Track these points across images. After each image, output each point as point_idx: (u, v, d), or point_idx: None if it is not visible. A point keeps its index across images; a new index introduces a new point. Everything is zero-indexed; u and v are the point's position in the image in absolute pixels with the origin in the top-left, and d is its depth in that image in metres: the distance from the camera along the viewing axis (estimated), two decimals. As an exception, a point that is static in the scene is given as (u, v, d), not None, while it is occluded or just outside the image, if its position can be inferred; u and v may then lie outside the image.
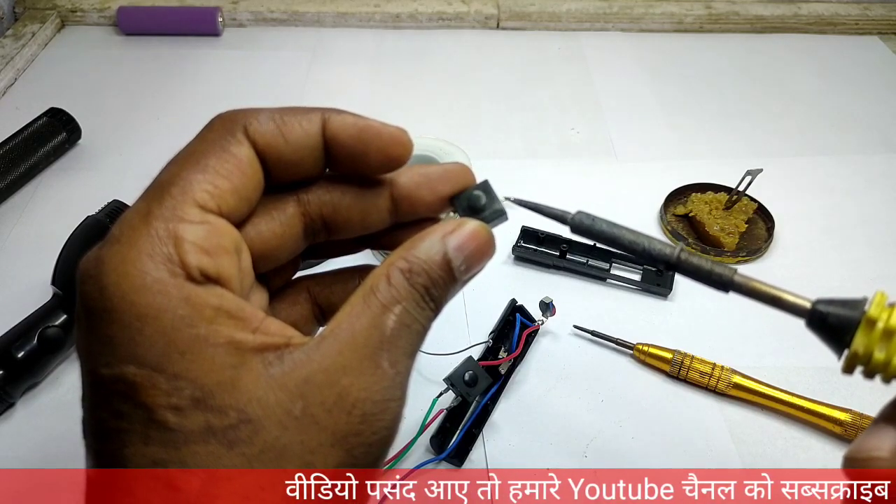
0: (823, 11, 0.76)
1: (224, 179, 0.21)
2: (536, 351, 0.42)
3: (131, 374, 0.19)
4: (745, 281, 0.23)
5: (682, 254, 0.23)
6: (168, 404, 0.19)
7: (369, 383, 0.20)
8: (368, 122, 0.24)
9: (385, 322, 0.21)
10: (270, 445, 0.19)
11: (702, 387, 0.40)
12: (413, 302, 0.21)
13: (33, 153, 0.54)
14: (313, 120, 0.24)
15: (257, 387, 0.19)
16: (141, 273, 0.19)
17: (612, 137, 0.61)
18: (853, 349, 0.21)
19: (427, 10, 0.75)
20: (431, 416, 0.36)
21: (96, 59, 0.69)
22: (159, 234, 0.19)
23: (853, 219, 0.53)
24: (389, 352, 0.20)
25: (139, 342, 0.19)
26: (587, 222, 0.25)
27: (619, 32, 0.75)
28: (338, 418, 0.19)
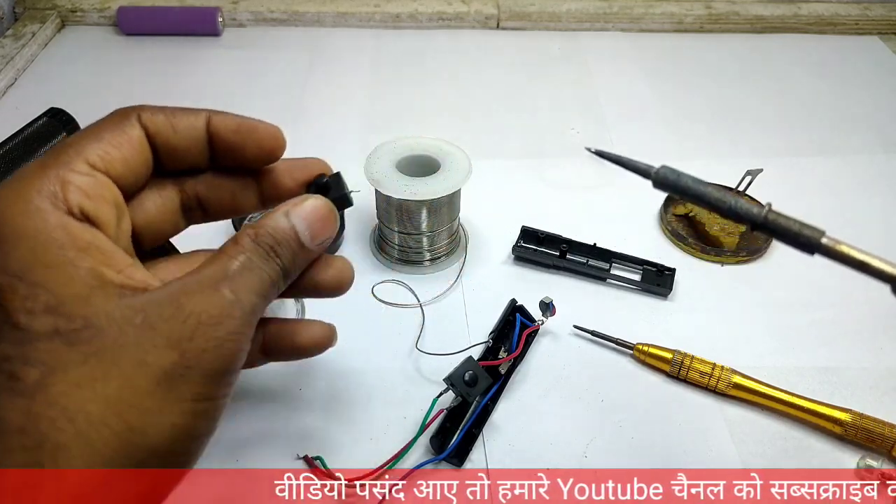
0: (823, 11, 0.76)
1: (115, 149, 0.25)
2: (536, 351, 0.42)
3: (4, 283, 0.21)
4: (833, 244, 0.23)
5: (769, 214, 0.23)
6: (23, 307, 0.21)
7: (206, 301, 0.23)
8: (246, 120, 0.28)
9: (229, 264, 0.24)
10: (108, 346, 0.22)
11: (702, 387, 0.40)
12: (257, 254, 0.25)
13: (33, 153, 0.54)
14: (199, 116, 0.28)
15: (107, 304, 0.22)
16: (26, 201, 0.22)
17: (611, 137, 0.61)
18: None
19: (427, 10, 0.75)
20: (431, 416, 0.36)
21: (96, 59, 0.69)
22: (49, 176, 0.23)
23: (853, 219, 0.53)
24: (231, 282, 0.24)
25: (11, 255, 0.22)
26: (672, 177, 0.25)
27: (619, 32, 0.75)
28: (172, 325, 0.22)
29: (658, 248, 0.50)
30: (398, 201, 0.44)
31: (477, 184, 0.46)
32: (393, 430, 0.37)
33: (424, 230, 0.46)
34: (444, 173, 0.44)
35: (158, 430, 0.22)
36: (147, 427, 0.22)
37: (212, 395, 0.23)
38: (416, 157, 0.46)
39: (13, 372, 0.21)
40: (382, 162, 0.45)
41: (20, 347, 0.21)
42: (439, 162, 0.45)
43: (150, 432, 0.22)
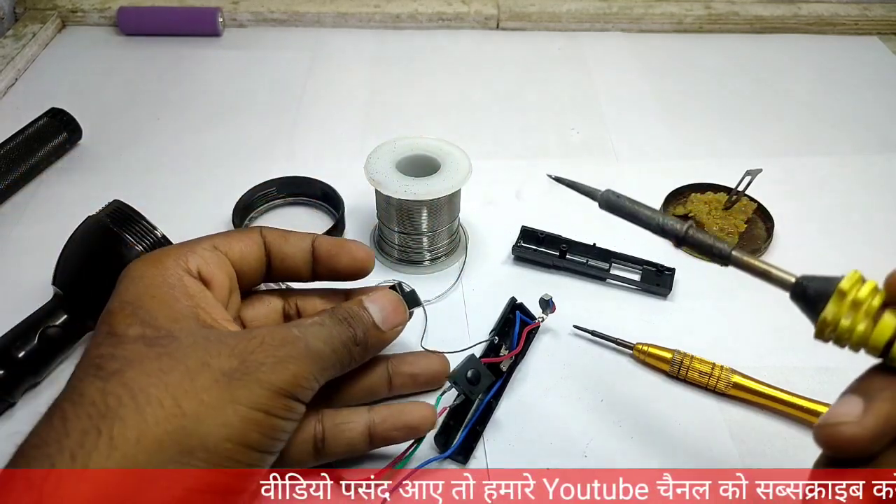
0: (823, 12, 0.76)
1: (237, 243, 0.33)
2: (536, 350, 0.42)
3: (114, 306, 0.28)
4: (740, 256, 0.26)
5: (689, 230, 0.27)
6: (124, 322, 0.27)
7: (274, 330, 0.28)
8: (343, 240, 0.35)
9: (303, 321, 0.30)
10: (179, 349, 0.26)
11: (701, 387, 0.40)
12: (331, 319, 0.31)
13: (34, 153, 0.54)
14: (306, 236, 0.35)
15: (193, 325, 0.27)
16: (157, 260, 0.30)
17: (611, 138, 0.61)
18: (823, 316, 0.23)
19: (427, 10, 0.75)
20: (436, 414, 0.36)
21: (97, 59, 0.69)
22: (181, 248, 0.31)
23: (853, 219, 0.53)
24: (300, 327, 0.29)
25: (130, 289, 0.28)
26: (614, 199, 0.30)
27: (619, 33, 0.75)
28: (239, 340, 0.27)
29: (658, 249, 0.49)
30: (398, 201, 0.44)
31: (477, 184, 0.46)
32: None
33: (424, 230, 0.46)
34: (444, 173, 0.44)
35: (210, 423, 0.25)
36: (200, 416, 0.24)
37: (266, 408, 0.26)
38: (416, 157, 0.46)
39: (100, 364, 0.26)
40: (382, 162, 0.45)
41: (111, 349, 0.26)
42: (439, 162, 0.45)
43: (201, 422, 0.24)
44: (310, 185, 0.52)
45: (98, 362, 0.26)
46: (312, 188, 0.52)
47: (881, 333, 0.22)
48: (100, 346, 0.26)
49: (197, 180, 0.55)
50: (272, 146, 0.59)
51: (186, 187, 0.54)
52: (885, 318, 0.22)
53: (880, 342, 0.22)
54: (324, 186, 0.51)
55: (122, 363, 0.25)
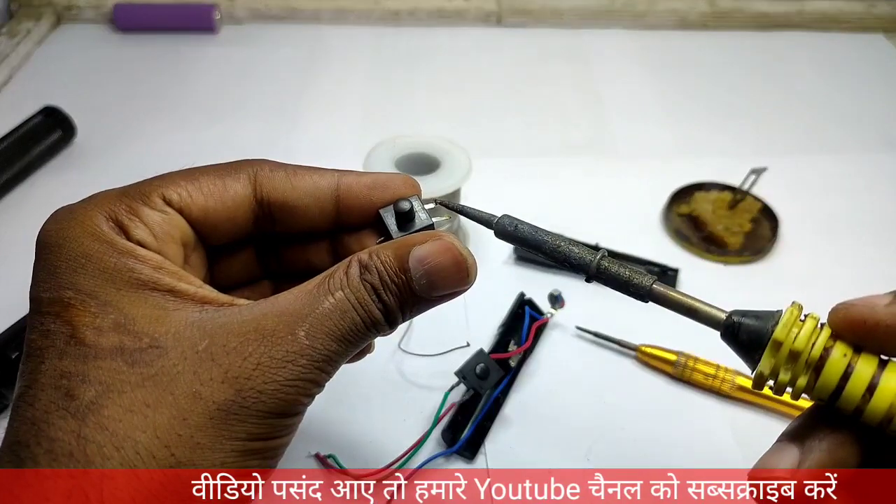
0: (828, 8, 0.75)
1: (201, 196, 0.24)
2: (540, 350, 0.42)
3: (68, 296, 0.21)
4: (663, 291, 0.23)
5: (602, 261, 0.23)
6: (91, 324, 0.21)
7: (273, 343, 0.21)
8: (377, 175, 0.26)
9: (321, 302, 0.22)
10: (166, 370, 0.21)
11: (706, 389, 0.40)
12: (357, 294, 0.22)
13: (28, 152, 0.54)
14: (325, 175, 0.26)
15: (179, 323, 0.21)
16: (93, 225, 0.22)
17: (615, 135, 0.60)
18: (759, 370, 0.21)
19: (427, 6, 0.74)
20: (444, 409, 0.36)
21: (92, 56, 0.68)
22: (121, 205, 0.23)
23: (859, 218, 0.52)
24: (311, 325, 0.22)
25: (81, 274, 0.22)
26: (510, 228, 0.25)
27: (622, 29, 0.75)
28: (233, 359, 0.21)
29: (661, 248, 0.49)
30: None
31: (477, 183, 0.45)
32: (397, 430, 0.37)
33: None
34: (444, 172, 0.44)
35: (207, 464, 0.21)
36: (195, 461, 0.21)
37: (265, 435, 0.22)
38: (416, 155, 0.45)
39: (70, 389, 0.20)
40: (382, 160, 0.44)
41: (82, 364, 0.21)
42: (439, 160, 0.44)
43: (198, 465, 0.21)
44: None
45: (66, 386, 0.20)
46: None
47: (826, 383, 0.19)
48: (63, 357, 0.21)
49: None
50: (269, 144, 0.58)
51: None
52: (831, 363, 0.19)
53: (825, 393, 0.20)
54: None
55: (97, 391, 0.20)
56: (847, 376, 0.19)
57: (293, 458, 0.36)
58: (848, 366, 0.19)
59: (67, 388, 0.20)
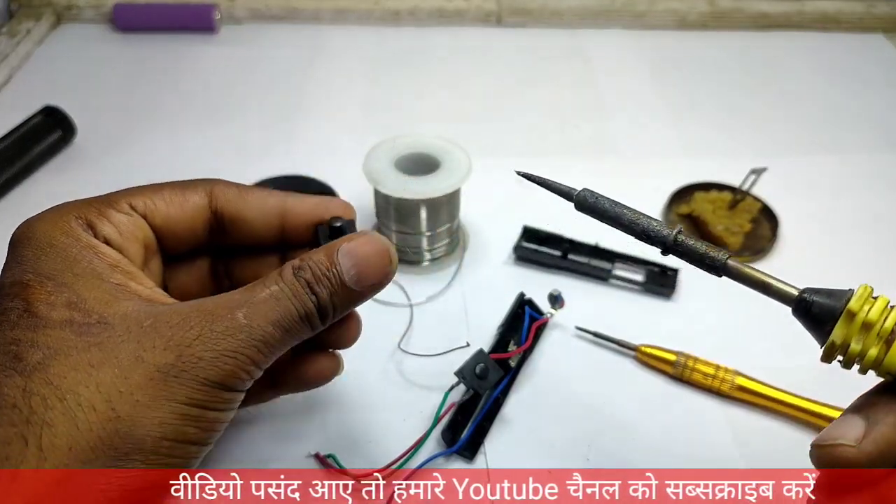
0: (828, 8, 0.75)
1: (163, 203, 0.28)
2: (539, 350, 0.42)
3: (27, 278, 0.24)
4: (737, 266, 0.24)
5: (678, 236, 0.24)
6: (46, 300, 0.23)
7: (214, 319, 0.24)
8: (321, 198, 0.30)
9: (256, 292, 0.25)
10: (111, 340, 0.23)
11: (705, 389, 0.40)
12: (291, 287, 0.25)
13: (28, 152, 0.54)
14: (275, 195, 0.29)
15: (127, 307, 0.24)
16: (63, 223, 0.25)
17: (614, 135, 0.60)
18: (831, 339, 0.22)
19: (427, 6, 0.74)
20: (444, 409, 0.36)
21: (92, 56, 0.68)
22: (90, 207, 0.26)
23: (859, 219, 0.52)
24: (248, 309, 0.24)
25: (43, 261, 0.24)
26: (591, 200, 0.26)
27: (622, 29, 0.75)
28: (175, 331, 0.23)
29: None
30: (397, 200, 0.43)
31: (477, 182, 0.45)
32: (397, 430, 0.37)
33: (424, 230, 0.45)
34: (444, 172, 0.43)
35: (146, 424, 0.22)
36: (135, 418, 0.22)
37: (204, 403, 0.23)
38: (416, 155, 0.45)
39: (18, 353, 0.22)
40: (381, 160, 0.44)
41: (30, 332, 0.23)
42: (439, 160, 0.44)
43: (137, 424, 0.22)
44: (307, 183, 0.51)
45: (15, 350, 0.22)
46: (310, 187, 0.51)
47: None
48: (15, 328, 0.23)
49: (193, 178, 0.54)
50: (269, 144, 0.58)
51: (182, 186, 0.53)
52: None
53: (895, 367, 0.21)
54: (322, 185, 0.51)
55: (45, 354, 0.22)
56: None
57: (293, 458, 0.36)
58: None
59: (16, 352, 0.22)
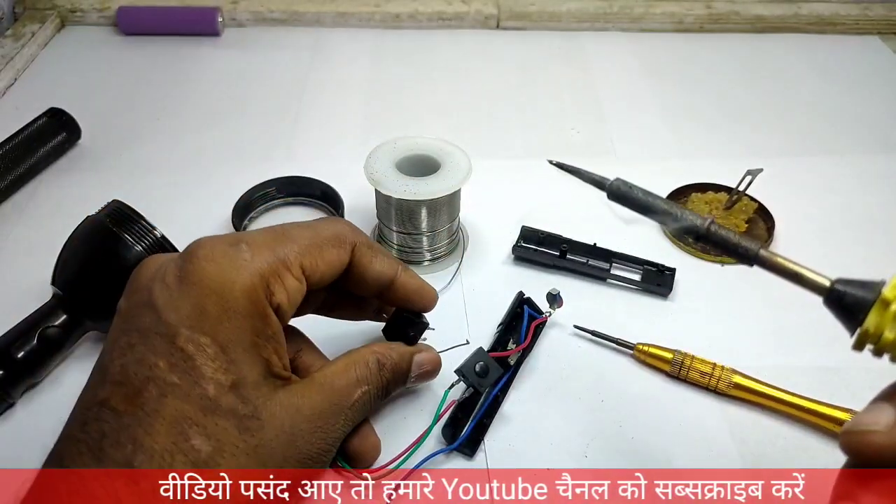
0: (823, 11, 0.76)
1: (325, 265, 0.31)
2: (538, 349, 0.42)
3: (205, 342, 0.26)
4: (769, 256, 0.24)
5: (711, 226, 0.25)
6: (216, 379, 0.26)
7: (326, 433, 0.30)
8: (423, 284, 0.36)
9: (353, 392, 0.31)
10: (264, 444, 0.27)
11: (702, 387, 0.40)
12: (375, 387, 0.32)
13: (33, 153, 0.54)
14: (392, 266, 0.34)
15: (269, 396, 0.27)
16: (251, 282, 0.28)
17: (612, 137, 0.61)
18: (864, 327, 0.22)
19: (427, 10, 0.75)
20: (444, 406, 0.36)
21: (96, 59, 0.69)
22: (273, 267, 0.29)
23: (854, 219, 0.53)
24: (345, 416, 0.31)
25: (224, 326, 0.26)
26: (624, 189, 0.27)
27: (620, 32, 0.75)
28: (305, 444, 0.29)
29: (658, 248, 0.49)
30: (398, 201, 0.44)
31: (477, 184, 0.46)
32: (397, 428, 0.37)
33: (424, 230, 0.46)
34: (444, 173, 0.44)
35: None
36: None
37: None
38: (416, 156, 0.46)
39: (189, 437, 0.25)
40: (382, 162, 0.45)
41: (203, 416, 0.25)
42: (439, 162, 0.45)
43: None
44: (309, 184, 0.52)
45: (186, 433, 0.25)
46: (312, 188, 0.52)
47: None
48: (186, 402, 0.25)
49: (196, 180, 0.55)
50: (272, 146, 0.59)
51: (186, 187, 0.54)
52: None
53: None
54: (323, 186, 0.51)
55: (213, 448, 0.25)
56: None
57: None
58: None
59: (188, 434, 0.25)
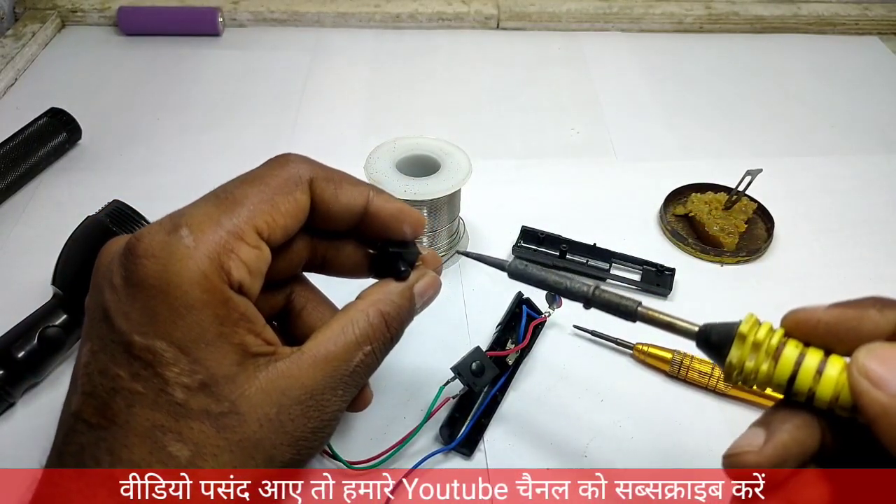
0: (823, 12, 0.76)
1: (283, 218, 0.26)
2: (538, 349, 0.42)
3: (161, 347, 0.23)
4: (646, 311, 0.28)
5: (595, 291, 0.29)
6: (181, 382, 0.23)
7: (322, 410, 0.26)
8: (402, 206, 0.30)
9: (353, 357, 0.27)
10: (248, 437, 0.24)
11: (701, 387, 0.40)
12: (381, 343, 0.27)
13: (34, 153, 0.54)
14: (362, 191, 0.29)
15: (248, 386, 0.24)
16: (199, 271, 0.23)
17: (611, 137, 0.61)
18: (728, 359, 0.24)
19: (427, 10, 0.75)
20: (437, 403, 0.36)
21: (97, 59, 0.69)
22: (222, 244, 0.24)
23: (853, 219, 0.53)
24: (347, 384, 0.26)
25: (178, 326, 0.23)
26: (521, 268, 0.31)
27: (619, 32, 0.75)
28: (297, 426, 0.25)
29: (658, 249, 0.50)
30: (398, 201, 0.44)
31: (477, 184, 0.46)
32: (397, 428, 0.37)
33: (424, 230, 0.46)
34: (444, 173, 0.44)
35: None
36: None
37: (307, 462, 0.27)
38: (417, 157, 0.46)
39: (165, 444, 0.23)
40: (382, 162, 0.45)
41: (174, 422, 0.23)
42: (439, 162, 0.45)
43: None
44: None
45: (161, 441, 0.23)
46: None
47: (783, 370, 0.23)
48: (155, 408, 0.23)
49: (197, 180, 0.54)
50: (272, 146, 0.59)
51: (186, 187, 0.53)
52: (785, 354, 0.23)
53: (783, 378, 0.23)
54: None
55: (192, 452, 0.23)
56: (799, 363, 0.23)
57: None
58: (800, 355, 0.23)
59: (163, 442, 0.23)
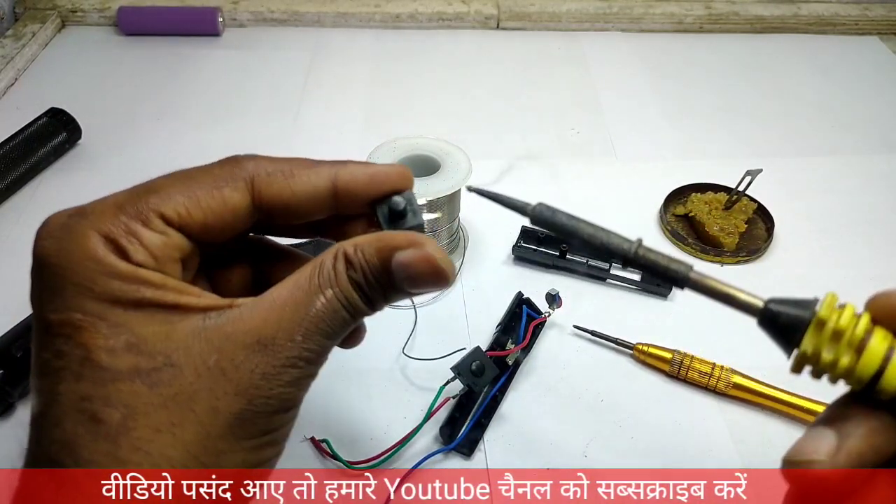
0: (823, 12, 0.76)
1: (200, 212, 0.24)
2: (538, 349, 0.42)
3: (77, 318, 0.22)
4: (700, 278, 0.23)
5: (639, 249, 0.24)
6: (105, 346, 0.21)
7: (276, 352, 0.22)
8: (375, 169, 0.26)
9: (314, 301, 0.23)
10: (184, 390, 0.22)
11: (701, 387, 0.40)
12: (345, 293, 0.24)
13: (33, 153, 0.54)
14: (321, 174, 0.25)
15: (187, 336, 0.22)
16: (93, 248, 0.22)
17: (611, 137, 0.61)
18: (802, 349, 0.21)
19: (427, 10, 0.75)
20: (437, 403, 0.36)
21: (97, 59, 0.69)
22: (118, 226, 0.23)
23: (853, 219, 0.53)
24: (306, 329, 0.23)
25: (87, 297, 0.22)
26: (547, 214, 0.25)
27: (619, 32, 0.75)
28: (242, 374, 0.22)
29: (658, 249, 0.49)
30: (398, 201, 0.44)
31: (477, 183, 0.46)
32: (398, 428, 0.37)
33: (424, 230, 0.46)
34: (445, 173, 0.44)
35: (229, 464, 0.23)
36: (219, 463, 0.22)
37: (275, 428, 0.24)
38: (417, 156, 0.46)
39: (95, 413, 0.21)
40: (383, 161, 0.44)
41: (101, 387, 0.21)
42: (439, 162, 0.45)
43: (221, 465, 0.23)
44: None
45: (90, 409, 0.21)
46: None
47: (868, 365, 0.19)
48: (80, 380, 0.21)
49: (197, 180, 0.55)
50: (272, 146, 0.59)
51: (186, 187, 0.54)
52: (871, 346, 0.19)
53: (866, 375, 0.20)
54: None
55: (123, 413, 0.21)
56: (888, 358, 0.19)
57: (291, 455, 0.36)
58: (889, 348, 0.19)
59: (91, 411, 0.21)
